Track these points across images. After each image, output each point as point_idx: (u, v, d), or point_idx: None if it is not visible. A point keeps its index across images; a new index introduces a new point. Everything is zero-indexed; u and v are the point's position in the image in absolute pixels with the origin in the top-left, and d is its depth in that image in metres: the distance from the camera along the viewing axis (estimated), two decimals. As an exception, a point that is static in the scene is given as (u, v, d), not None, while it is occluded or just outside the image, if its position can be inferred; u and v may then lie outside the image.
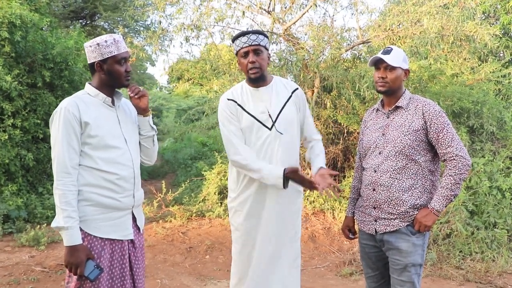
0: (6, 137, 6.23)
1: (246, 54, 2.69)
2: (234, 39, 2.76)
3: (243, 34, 2.72)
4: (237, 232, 2.87)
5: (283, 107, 2.77)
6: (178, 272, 4.84)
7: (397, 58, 2.53)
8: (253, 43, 2.67)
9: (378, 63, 2.57)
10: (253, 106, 2.76)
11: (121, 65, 2.32)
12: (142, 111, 2.45)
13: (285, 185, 2.61)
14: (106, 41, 2.30)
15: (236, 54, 2.78)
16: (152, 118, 2.57)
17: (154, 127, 2.55)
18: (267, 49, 2.77)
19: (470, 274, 4.72)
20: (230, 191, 2.93)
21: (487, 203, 5.59)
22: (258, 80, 2.74)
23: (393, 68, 2.53)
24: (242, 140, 2.75)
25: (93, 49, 2.31)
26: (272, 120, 2.73)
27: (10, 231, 5.75)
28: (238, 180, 2.83)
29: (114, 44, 2.30)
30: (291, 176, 2.62)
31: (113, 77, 2.33)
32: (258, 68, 2.69)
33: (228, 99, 2.81)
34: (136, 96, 2.40)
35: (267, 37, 2.79)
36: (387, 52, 2.55)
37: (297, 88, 2.88)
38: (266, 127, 2.73)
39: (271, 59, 3.10)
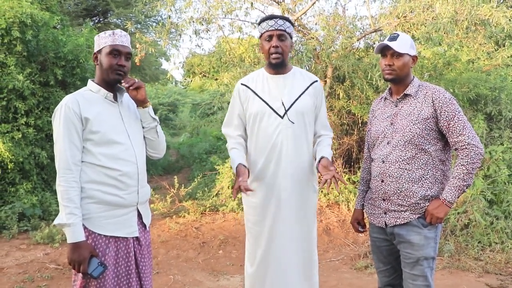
0: (20, 135, 6.28)
1: (270, 38, 2.67)
2: (260, 22, 2.75)
3: (270, 17, 2.70)
4: (249, 224, 2.84)
5: (298, 97, 2.73)
6: (191, 267, 4.82)
7: (404, 44, 2.43)
8: (279, 28, 2.65)
9: (384, 50, 2.48)
10: (268, 92, 2.74)
11: (113, 56, 2.29)
12: (140, 103, 2.41)
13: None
14: (105, 33, 2.33)
15: (260, 36, 2.76)
16: (168, 113, 2.53)
17: (156, 117, 2.50)
18: (291, 38, 2.76)
19: (490, 266, 4.60)
20: None
21: (507, 191, 5.45)
22: (278, 66, 2.72)
23: (400, 55, 2.44)
24: (240, 125, 2.81)
25: (95, 41, 2.36)
26: (285, 109, 2.69)
27: (25, 229, 5.80)
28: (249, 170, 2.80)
29: (111, 36, 2.31)
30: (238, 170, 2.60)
31: (103, 69, 2.31)
32: (280, 53, 2.67)
33: (242, 84, 2.83)
34: (131, 88, 2.35)
35: (293, 25, 2.76)
36: (394, 38, 2.45)
37: (316, 81, 2.83)
38: (278, 115, 2.69)
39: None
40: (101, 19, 14.27)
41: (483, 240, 5.03)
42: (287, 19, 2.72)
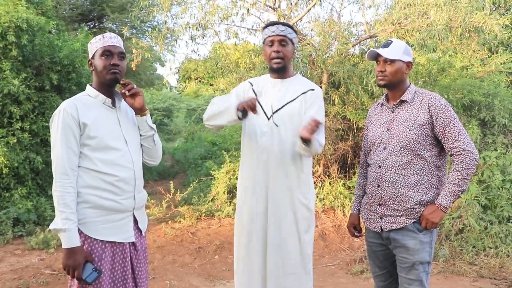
0: (15, 140, 6.26)
1: (271, 43, 2.72)
2: (263, 28, 2.81)
3: (273, 23, 2.75)
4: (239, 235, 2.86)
5: (288, 103, 2.75)
6: (187, 272, 4.82)
7: (396, 50, 2.47)
8: (280, 33, 2.70)
9: (377, 57, 2.52)
10: (265, 94, 2.80)
11: (106, 57, 2.29)
12: (138, 111, 2.41)
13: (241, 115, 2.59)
14: (95, 38, 2.35)
15: (263, 43, 2.80)
16: (163, 118, 2.51)
17: (153, 126, 2.50)
18: (293, 44, 2.79)
19: (484, 270, 4.63)
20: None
21: (501, 197, 5.49)
22: (279, 70, 2.75)
23: (392, 61, 2.47)
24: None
25: (88, 49, 2.38)
26: (272, 111, 2.73)
27: (20, 234, 5.77)
28: (242, 167, 2.85)
29: (101, 39, 2.33)
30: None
31: (97, 71, 2.31)
32: (282, 58, 2.71)
33: (248, 82, 2.91)
34: (127, 94, 2.35)
35: (296, 33, 2.81)
36: (386, 45, 2.50)
37: (312, 89, 2.81)
38: (266, 115, 2.74)
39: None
40: (96, 24, 14.26)
41: (477, 245, 5.06)
42: (289, 26, 2.76)
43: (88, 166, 2.23)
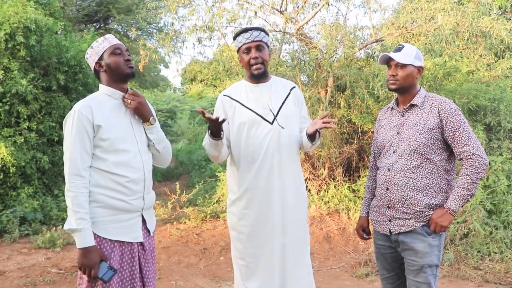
0: (22, 140, 6.31)
1: (248, 50, 2.71)
2: (235, 36, 2.78)
3: (245, 30, 2.73)
4: (240, 239, 2.82)
5: (283, 103, 2.77)
6: (193, 273, 4.84)
7: (408, 55, 2.49)
8: (255, 39, 2.69)
9: (389, 61, 2.54)
10: (254, 101, 2.76)
11: (117, 55, 2.34)
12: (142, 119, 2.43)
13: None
14: (97, 41, 2.39)
15: (238, 50, 2.78)
16: (166, 119, 2.52)
17: (153, 138, 2.46)
18: (268, 47, 2.79)
19: (489, 275, 4.63)
20: (230, 193, 2.86)
21: (506, 202, 5.49)
22: (261, 76, 2.74)
23: (403, 66, 2.49)
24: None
25: (90, 54, 2.39)
26: (274, 114, 2.72)
27: (26, 233, 5.82)
28: (239, 180, 2.77)
29: (105, 40, 2.37)
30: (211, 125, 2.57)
31: (113, 69, 2.34)
32: (261, 63, 2.71)
33: (224, 95, 2.83)
34: (125, 103, 2.36)
35: (268, 35, 2.82)
36: (399, 49, 2.52)
37: (294, 87, 2.88)
38: (267, 121, 2.71)
39: (283, 59, 3.08)
40: (101, 25, 14.34)
41: (482, 249, 5.06)
42: (262, 30, 2.76)
43: (100, 167, 2.25)
